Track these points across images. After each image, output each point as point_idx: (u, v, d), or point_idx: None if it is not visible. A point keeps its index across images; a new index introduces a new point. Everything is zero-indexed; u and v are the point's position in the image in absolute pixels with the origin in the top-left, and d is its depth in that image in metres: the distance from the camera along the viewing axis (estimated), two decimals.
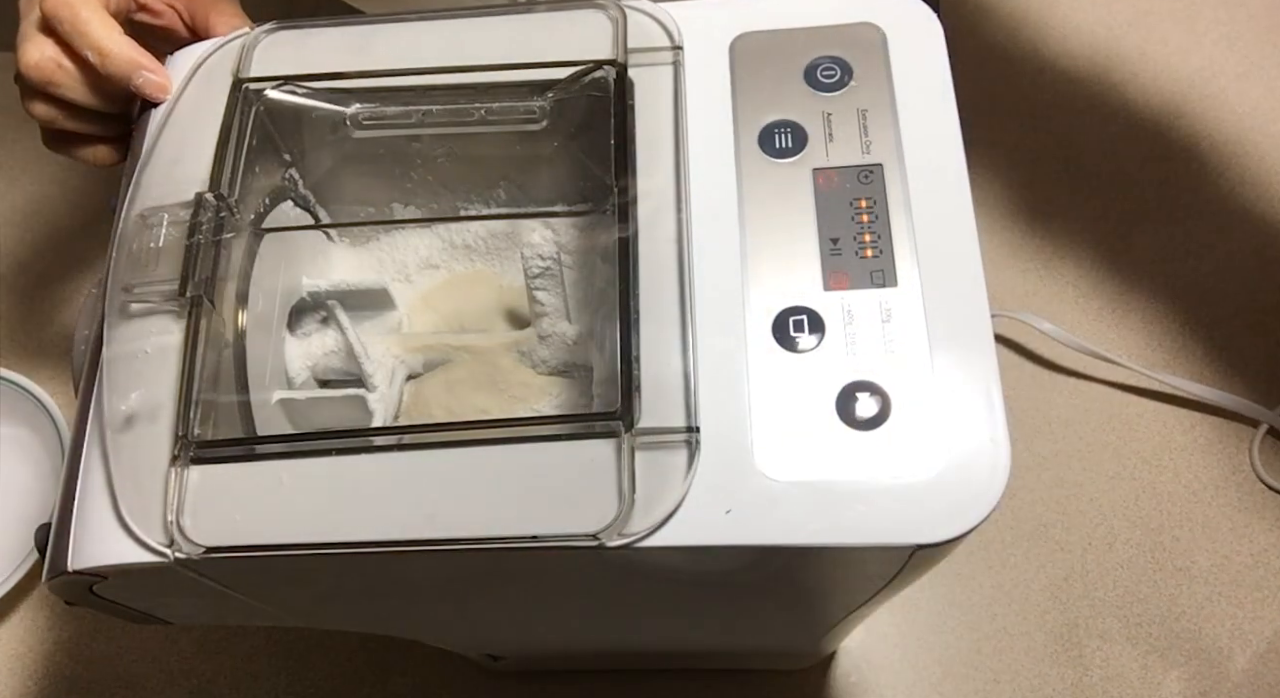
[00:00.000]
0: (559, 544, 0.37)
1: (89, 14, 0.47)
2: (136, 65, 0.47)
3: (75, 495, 0.41)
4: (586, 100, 0.46)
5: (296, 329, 0.52)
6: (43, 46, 0.48)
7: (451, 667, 0.77)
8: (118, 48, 0.46)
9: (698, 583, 0.44)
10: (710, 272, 0.40)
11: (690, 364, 0.39)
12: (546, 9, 0.47)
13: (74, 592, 0.42)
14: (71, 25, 0.47)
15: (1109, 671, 0.75)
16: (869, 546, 0.37)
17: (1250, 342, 0.85)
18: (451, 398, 0.51)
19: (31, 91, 0.49)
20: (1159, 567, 0.78)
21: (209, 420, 0.41)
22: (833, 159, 0.42)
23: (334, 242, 0.55)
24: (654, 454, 0.37)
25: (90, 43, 0.47)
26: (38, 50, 0.48)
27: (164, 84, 0.47)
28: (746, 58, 0.45)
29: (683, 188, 0.42)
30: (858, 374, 0.38)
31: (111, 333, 0.42)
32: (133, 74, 0.47)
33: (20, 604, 0.80)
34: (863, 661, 0.76)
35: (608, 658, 0.74)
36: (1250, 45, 0.99)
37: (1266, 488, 0.80)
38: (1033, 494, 0.81)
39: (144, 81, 0.47)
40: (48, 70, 0.48)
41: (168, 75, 0.48)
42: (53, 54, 0.48)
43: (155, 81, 0.47)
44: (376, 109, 0.49)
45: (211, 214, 0.44)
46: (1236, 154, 0.94)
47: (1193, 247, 0.90)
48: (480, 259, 0.55)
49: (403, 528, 0.38)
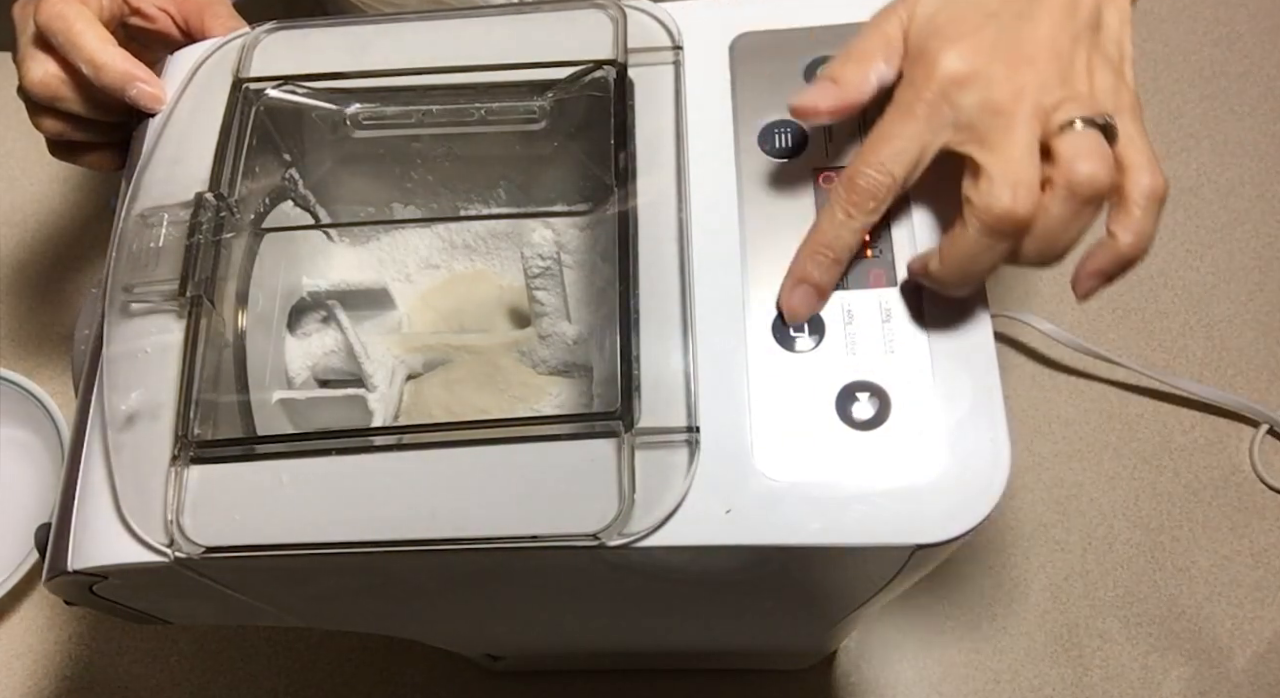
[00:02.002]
0: (559, 544, 0.37)
1: (82, 26, 0.47)
2: (130, 77, 0.47)
3: (75, 495, 0.41)
4: (586, 100, 0.46)
5: (296, 329, 0.52)
6: (44, 63, 0.48)
7: (451, 667, 0.77)
8: (110, 60, 0.47)
9: (697, 583, 0.44)
10: (710, 271, 0.40)
11: (690, 364, 0.39)
12: (546, 9, 0.47)
13: (74, 592, 0.42)
14: (65, 38, 0.47)
15: (1109, 671, 0.75)
16: (869, 546, 0.37)
17: (1250, 342, 0.85)
18: (451, 398, 0.51)
19: (37, 108, 0.50)
20: (1159, 567, 0.78)
21: (209, 420, 0.41)
22: (833, 159, 0.42)
23: (334, 241, 0.55)
24: (654, 454, 0.37)
25: (84, 55, 0.47)
26: (40, 67, 0.48)
27: (157, 95, 0.47)
28: (746, 58, 0.45)
29: (683, 188, 0.42)
30: (858, 374, 0.38)
31: (112, 333, 0.42)
32: (126, 86, 0.47)
33: (20, 604, 0.80)
34: (863, 661, 0.76)
35: (608, 658, 0.74)
36: (1250, 45, 0.99)
37: (1266, 488, 0.80)
38: (1033, 494, 0.81)
39: (138, 92, 0.47)
40: (52, 87, 0.48)
41: (161, 85, 0.48)
42: (54, 70, 0.48)
43: (149, 92, 0.47)
44: (376, 109, 0.49)
45: (211, 214, 0.44)
46: (1236, 154, 0.94)
47: (1193, 247, 0.90)
48: (480, 259, 0.55)
49: (403, 528, 0.38)
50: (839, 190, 0.38)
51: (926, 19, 0.38)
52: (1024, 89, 0.36)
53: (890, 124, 0.38)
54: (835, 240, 0.39)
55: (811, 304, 0.39)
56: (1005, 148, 0.36)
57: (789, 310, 0.39)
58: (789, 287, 0.40)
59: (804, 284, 0.39)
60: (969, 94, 0.36)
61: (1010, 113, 0.36)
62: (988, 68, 0.37)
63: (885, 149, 0.38)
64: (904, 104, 0.38)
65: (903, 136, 0.37)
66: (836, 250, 0.39)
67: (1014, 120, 0.36)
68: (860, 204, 0.38)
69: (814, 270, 0.39)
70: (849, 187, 0.38)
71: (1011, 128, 0.36)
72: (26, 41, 0.49)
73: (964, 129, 0.37)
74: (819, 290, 0.39)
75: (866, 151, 0.38)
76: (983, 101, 0.36)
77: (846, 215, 0.38)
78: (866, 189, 0.38)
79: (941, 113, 0.37)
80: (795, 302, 0.39)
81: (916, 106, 0.37)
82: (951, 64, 0.37)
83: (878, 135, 0.38)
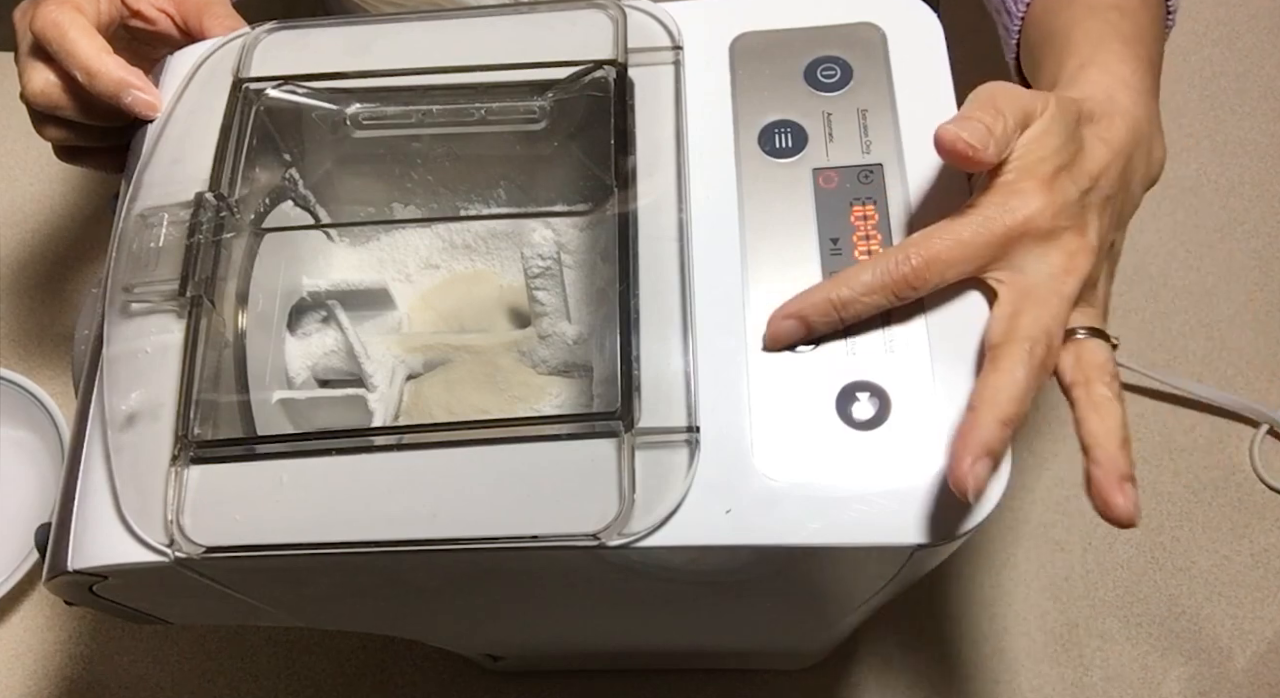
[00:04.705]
0: (559, 544, 0.37)
1: (76, 34, 0.47)
2: (125, 84, 0.47)
3: (75, 495, 0.41)
4: (587, 100, 0.46)
5: (296, 329, 0.52)
6: (43, 72, 0.48)
7: (451, 667, 0.77)
8: (104, 67, 0.47)
9: (697, 583, 0.44)
10: (710, 272, 0.40)
11: (690, 364, 0.39)
12: (546, 9, 0.47)
13: (74, 592, 0.42)
14: (59, 46, 0.47)
15: (1109, 671, 0.75)
16: (869, 546, 0.37)
17: (1250, 342, 0.85)
18: (451, 398, 0.51)
19: (40, 116, 0.50)
20: (1159, 567, 0.78)
21: (209, 420, 0.41)
22: (833, 159, 0.42)
23: (334, 241, 0.55)
24: (654, 454, 0.37)
25: (78, 63, 0.47)
26: (40, 77, 0.48)
27: (152, 102, 0.47)
28: (746, 58, 0.45)
29: (683, 188, 0.42)
30: (857, 374, 0.38)
31: (112, 332, 0.42)
32: (121, 93, 0.47)
33: (20, 604, 0.80)
34: (863, 661, 0.76)
35: (608, 658, 0.74)
36: (1250, 45, 0.99)
37: (1266, 488, 0.80)
38: (1033, 494, 0.81)
39: (133, 100, 0.47)
40: (53, 97, 0.49)
41: (157, 92, 0.48)
42: (53, 79, 0.48)
43: (144, 100, 0.47)
44: (376, 109, 0.49)
45: (211, 214, 0.44)
46: (1236, 154, 0.94)
47: (1193, 246, 0.90)
48: (480, 259, 0.55)
49: (403, 528, 0.38)
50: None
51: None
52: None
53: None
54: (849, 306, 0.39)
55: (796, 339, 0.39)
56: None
57: (771, 337, 0.39)
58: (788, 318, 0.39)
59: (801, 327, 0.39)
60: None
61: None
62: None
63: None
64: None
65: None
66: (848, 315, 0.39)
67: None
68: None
69: (821, 325, 0.39)
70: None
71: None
72: (25, 50, 0.49)
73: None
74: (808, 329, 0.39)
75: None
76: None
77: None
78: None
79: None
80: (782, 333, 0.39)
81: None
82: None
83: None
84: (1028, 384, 0.36)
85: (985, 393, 0.36)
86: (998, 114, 0.37)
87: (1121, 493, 0.35)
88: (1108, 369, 0.38)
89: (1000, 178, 0.38)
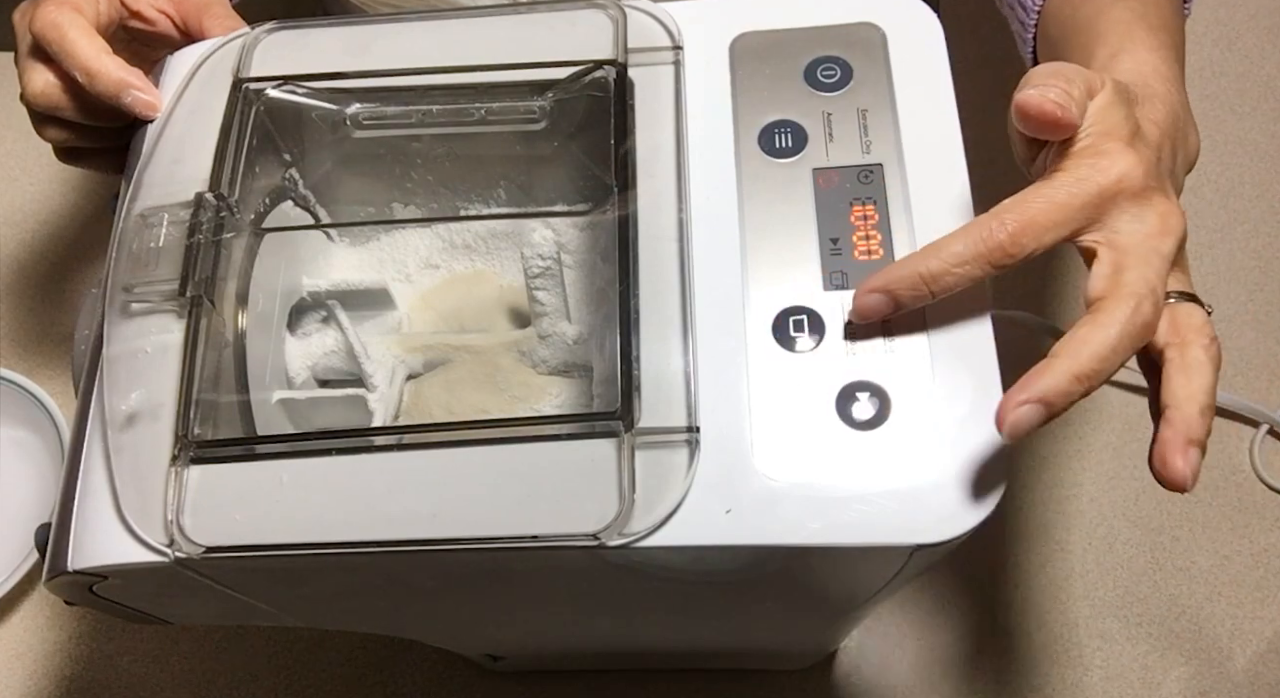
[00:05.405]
0: (559, 544, 0.37)
1: (75, 34, 0.47)
2: (124, 84, 0.47)
3: (75, 495, 0.41)
4: (586, 100, 0.46)
5: (296, 329, 0.52)
6: (43, 73, 0.48)
7: (451, 667, 0.77)
8: (104, 68, 0.47)
9: (697, 583, 0.44)
10: (710, 271, 0.40)
11: (690, 364, 0.39)
12: (546, 9, 0.47)
13: (74, 592, 0.42)
14: (59, 47, 0.47)
15: (1109, 671, 0.75)
16: (869, 546, 0.37)
17: (1250, 342, 0.85)
18: (451, 398, 0.51)
19: (40, 117, 0.50)
20: (1159, 567, 0.78)
21: (209, 420, 0.41)
22: (833, 159, 0.42)
23: (334, 241, 0.55)
24: (654, 454, 0.37)
25: (77, 64, 0.47)
26: (40, 78, 0.48)
27: (152, 102, 0.47)
28: (746, 58, 0.45)
29: (683, 188, 0.42)
30: (857, 374, 0.38)
31: (112, 332, 0.42)
32: (120, 93, 0.47)
33: (20, 604, 0.80)
34: (863, 661, 0.76)
35: (608, 658, 0.74)
36: (1250, 45, 0.99)
37: (1266, 488, 0.80)
38: (1033, 494, 0.81)
39: (133, 100, 0.47)
40: (53, 98, 0.49)
41: (157, 93, 0.48)
42: (53, 80, 0.48)
43: (144, 100, 0.47)
44: (376, 109, 0.49)
45: (211, 214, 0.44)
46: (1236, 154, 0.94)
47: (1193, 247, 0.89)
48: (480, 259, 0.55)
49: (403, 528, 0.38)
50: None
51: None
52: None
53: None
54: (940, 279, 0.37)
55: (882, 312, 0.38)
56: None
57: (858, 311, 0.38)
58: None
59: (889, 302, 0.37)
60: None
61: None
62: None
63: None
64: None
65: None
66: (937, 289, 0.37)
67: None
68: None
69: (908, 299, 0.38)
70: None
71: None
72: (25, 51, 0.49)
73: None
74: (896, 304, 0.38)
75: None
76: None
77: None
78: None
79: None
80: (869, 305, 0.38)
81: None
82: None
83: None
84: (1118, 343, 0.34)
85: (1070, 343, 0.34)
86: (1070, 81, 0.36)
87: (1184, 456, 0.35)
88: (1205, 332, 0.37)
89: (1079, 144, 0.37)
